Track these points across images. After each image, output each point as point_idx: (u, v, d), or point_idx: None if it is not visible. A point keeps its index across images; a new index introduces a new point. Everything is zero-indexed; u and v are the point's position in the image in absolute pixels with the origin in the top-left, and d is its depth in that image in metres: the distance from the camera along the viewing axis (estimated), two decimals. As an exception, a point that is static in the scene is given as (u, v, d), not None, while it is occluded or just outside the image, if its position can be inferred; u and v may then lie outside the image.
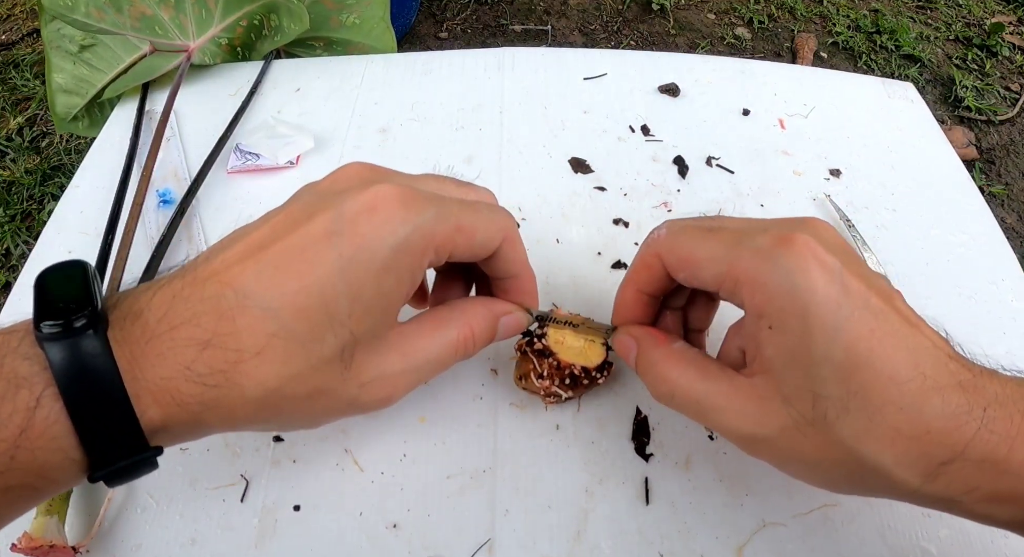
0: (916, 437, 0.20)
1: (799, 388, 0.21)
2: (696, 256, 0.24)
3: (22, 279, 0.38)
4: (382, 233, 0.21)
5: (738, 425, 0.23)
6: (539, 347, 0.29)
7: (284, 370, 0.20)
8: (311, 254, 0.20)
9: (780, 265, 0.21)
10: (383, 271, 0.21)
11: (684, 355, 0.26)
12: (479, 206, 0.25)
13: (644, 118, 0.48)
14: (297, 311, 0.20)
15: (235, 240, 0.21)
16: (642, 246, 0.27)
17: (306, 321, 0.20)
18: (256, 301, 0.19)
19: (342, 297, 0.20)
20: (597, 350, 0.30)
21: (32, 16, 1.58)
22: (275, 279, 0.20)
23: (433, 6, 1.67)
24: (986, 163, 1.38)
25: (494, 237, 0.25)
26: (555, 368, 0.29)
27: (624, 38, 1.62)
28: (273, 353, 0.20)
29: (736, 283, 0.23)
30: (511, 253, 0.26)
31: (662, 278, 0.26)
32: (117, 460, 0.19)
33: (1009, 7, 1.74)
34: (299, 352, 0.20)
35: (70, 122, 0.53)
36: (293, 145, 0.45)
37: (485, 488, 0.30)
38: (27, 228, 1.17)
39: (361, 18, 0.57)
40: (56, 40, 0.52)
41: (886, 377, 0.20)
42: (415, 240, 0.21)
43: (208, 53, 0.52)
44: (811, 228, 0.23)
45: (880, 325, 0.21)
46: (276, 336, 0.19)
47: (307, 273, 0.20)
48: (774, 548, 0.28)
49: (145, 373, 0.19)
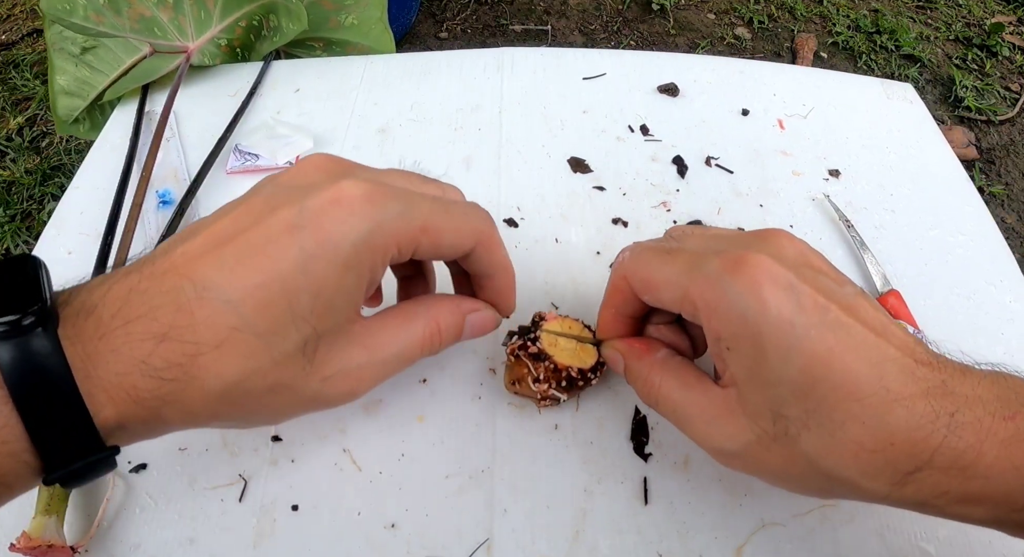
0: (879, 450, 0.20)
1: (759, 406, 0.22)
2: (655, 280, 0.25)
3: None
4: (345, 229, 0.20)
5: (708, 437, 0.24)
6: (533, 351, 0.29)
7: (245, 364, 0.19)
8: (273, 248, 0.20)
9: (731, 290, 0.21)
10: (345, 267, 0.21)
11: (667, 363, 0.26)
12: (452, 207, 0.24)
13: (643, 118, 0.48)
14: (259, 305, 0.19)
15: (194, 232, 0.21)
16: (612, 270, 0.28)
17: (268, 315, 0.19)
18: (216, 294, 0.19)
19: (304, 292, 0.20)
20: (590, 351, 0.30)
21: (32, 16, 1.58)
22: (236, 272, 0.19)
23: (433, 6, 1.67)
24: (986, 163, 1.38)
25: (464, 240, 0.24)
26: (551, 371, 0.29)
27: (624, 38, 1.62)
28: (233, 346, 0.19)
29: (693, 307, 0.23)
30: (486, 255, 0.26)
31: (634, 299, 0.27)
32: (72, 462, 0.19)
33: (1009, 7, 1.74)
34: (260, 346, 0.20)
35: (71, 125, 0.53)
36: (292, 146, 0.45)
37: (483, 488, 0.30)
38: (27, 228, 1.17)
39: (359, 19, 0.57)
40: (59, 42, 0.52)
41: (846, 392, 0.20)
42: (378, 236, 0.21)
43: (207, 54, 0.52)
44: (769, 245, 0.23)
45: (840, 339, 0.20)
46: (237, 329, 0.19)
47: (269, 267, 0.19)
48: (773, 548, 0.28)
49: (99, 370, 0.18)
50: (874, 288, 0.38)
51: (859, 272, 0.39)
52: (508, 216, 0.42)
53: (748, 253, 0.22)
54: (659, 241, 0.27)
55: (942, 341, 0.36)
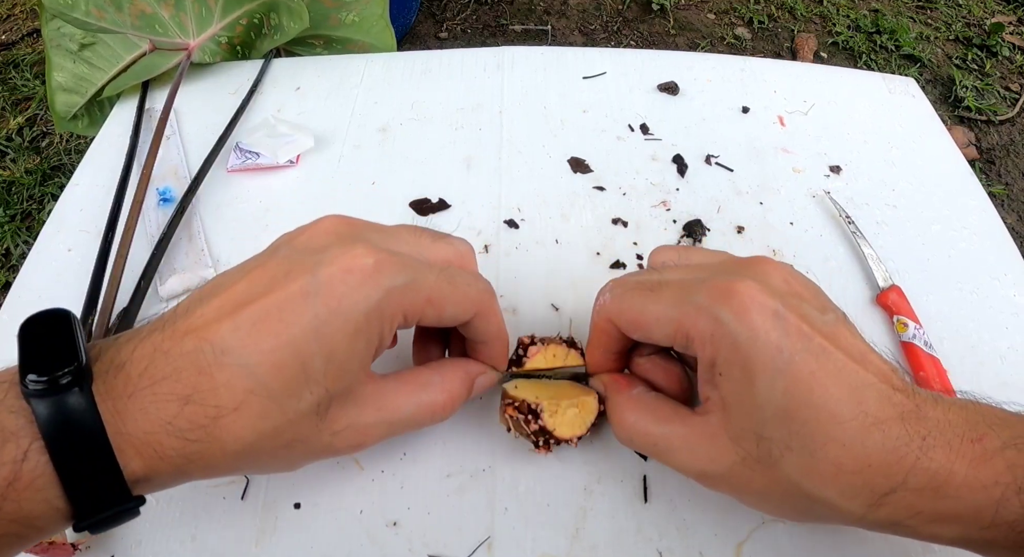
0: (858, 471, 0.21)
1: (744, 429, 0.23)
2: (645, 318, 0.25)
3: (22, 278, 0.38)
4: (356, 297, 0.21)
5: (691, 463, 0.25)
6: (536, 428, 0.28)
7: (261, 425, 0.21)
8: (288, 313, 0.21)
9: (722, 319, 0.22)
10: (356, 333, 0.22)
11: (640, 400, 0.27)
12: (457, 278, 0.25)
13: (643, 117, 0.48)
14: (273, 368, 0.20)
15: (213, 293, 0.22)
16: (593, 312, 0.28)
17: (282, 378, 0.21)
18: (234, 358, 0.20)
19: (317, 356, 0.21)
20: (590, 407, 0.29)
21: (32, 16, 1.58)
22: (252, 336, 0.20)
23: (433, 6, 1.67)
24: (986, 163, 1.38)
25: (465, 312, 0.26)
26: (554, 443, 0.29)
27: (624, 38, 1.62)
28: (250, 409, 0.20)
29: (686, 338, 0.24)
30: (483, 325, 0.27)
31: (620, 337, 0.27)
32: (101, 511, 0.20)
33: (1009, 7, 1.74)
34: (275, 408, 0.21)
35: (70, 121, 0.53)
36: (293, 144, 0.45)
37: (484, 486, 0.30)
38: (27, 228, 1.17)
39: (360, 16, 0.57)
40: (57, 39, 0.52)
41: (827, 415, 0.21)
42: (387, 305, 0.22)
43: (208, 51, 0.52)
44: (756, 272, 0.24)
45: (822, 365, 0.21)
46: (253, 393, 0.20)
47: (283, 332, 0.21)
48: (773, 546, 0.28)
49: (128, 427, 0.19)
50: (876, 284, 0.38)
51: (860, 268, 0.39)
52: (508, 216, 0.41)
53: (736, 281, 0.23)
54: (638, 275, 0.28)
55: (946, 337, 0.36)
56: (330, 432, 0.23)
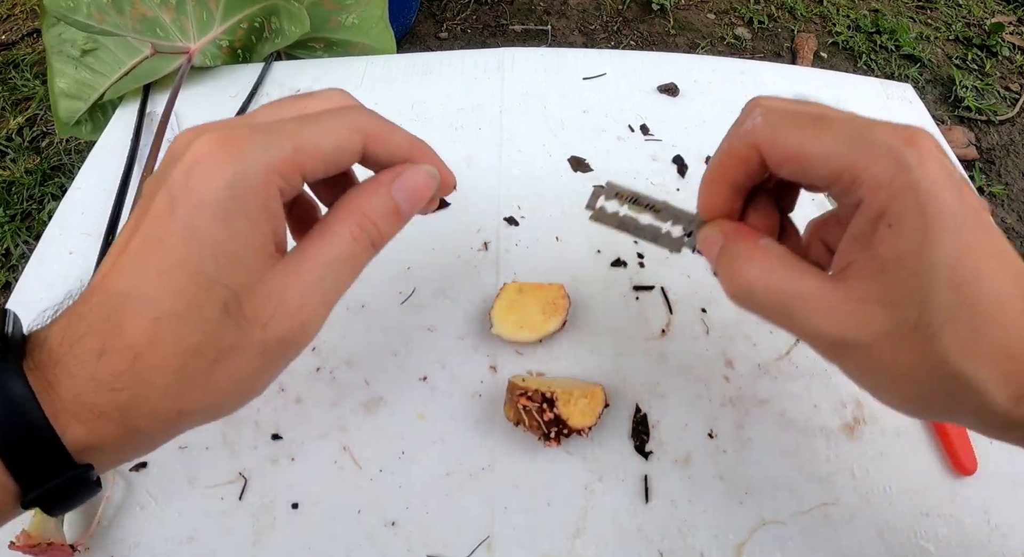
0: (1016, 357, 0.19)
1: (908, 291, 0.20)
2: (808, 152, 0.22)
3: (23, 281, 0.38)
4: (210, 183, 0.20)
5: (829, 328, 0.21)
6: (550, 417, 0.29)
7: (178, 348, 0.20)
8: (162, 232, 0.20)
9: (908, 162, 0.20)
10: (228, 217, 0.20)
11: (770, 250, 0.23)
12: (319, 117, 0.23)
13: (643, 118, 0.49)
14: (168, 288, 0.20)
15: (111, 249, 0.22)
16: (732, 135, 0.24)
17: (179, 294, 0.20)
18: (133, 296, 0.20)
19: (204, 258, 0.20)
20: (599, 398, 0.30)
21: (32, 16, 1.58)
22: (140, 268, 0.20)
23: (433, 6, 1.67)
24: (986, 163, 1.38)
25: (346, 143, 0.23)
26: (564, 435, 0.29)
27: (624, 38, 1.62)
28: (162, 338, 0.20)
29: (855, 181, 0.21)
30: (381, 146, 0.24)
31: (756, 172, 0.24)
32: (46, 481, 0.19)
33: (1009, 7, 1.74)
34: (184, 326, 0.20)
35: (73, 126, 0.53)
36: (293, 145, 0.45)
37: (484, 485, 0.30)
38: (27, 228, 1.17)
39: (360, 18, 0.57)
40: (58, 45, 0.52)
41: (992, 293, 0.19)
42: (250, 176, 0.21)
43: (209, 55, 0.52)
44: (926, 132, 0.21)
45: (988, 240, 0.20)
46: (158, 320, 0.20)
47: (164, 251, 0.20)
48: (774, 546, 0.29)
49: (59, 393, 0.19)
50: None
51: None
52: (509, 214, 0.42)
53: (914, 129, 0.20)
54: (792, 103, 0.24)
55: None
56: (259, 327, 0.21)
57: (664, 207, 0.26)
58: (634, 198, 0.26)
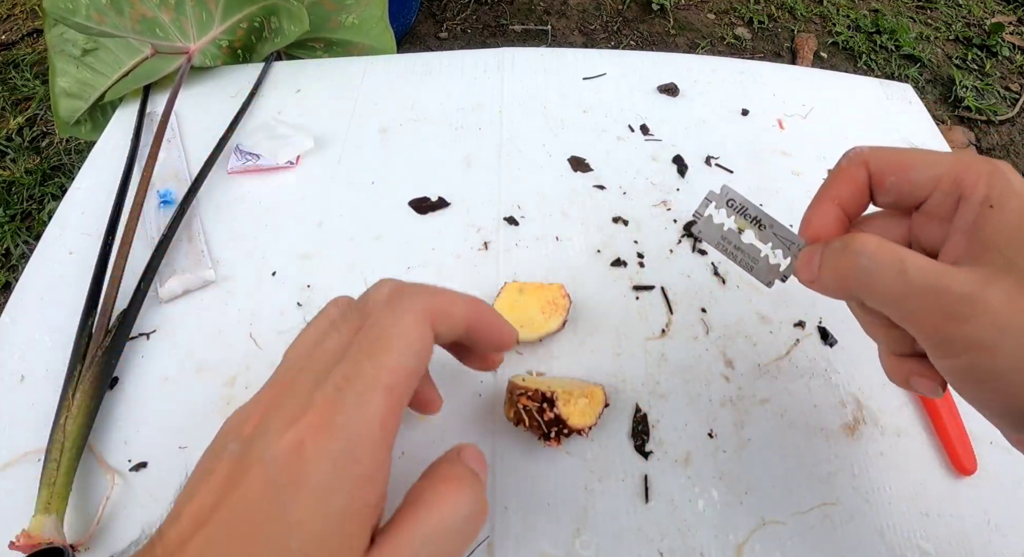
0: None
1: (1020, 252, 0.21)
2: (912, 160, 0.24)
3: (24, 282, 0.38)
4: (318, 466, 0.19)
5: (953, 282, 0.21)
6: (550, 417, 0.29)
7: None
8: (257, 515, 0.19)
9: (997, 165, 0.23)
10: (327, 496, 0.19)
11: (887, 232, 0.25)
12: (390, 341, 0.21)
13: (643, 118, 0.49)
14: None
15: (183, 505, 0.20)
16: (841, 163, 0.26)
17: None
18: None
19: (294, 543, 0.19)
20: (598, 398, 0.31)
21: (32, 16, 1.58)
22: (228, 548, 0.18)
23: (433, 6, 1.67)
24: (986, 163, 1.38)
25: (426, 351, 0.22)
26: (564, 435, 0.29)
27: (624, 38, 1.62)
28: None
29: (956, 180, 0.23)
30: (444, 326, 0.23)
31: (862, 192, 0.25)
32: None
33: (1009, 7, 1.74)
34: None
35: (73, 126, 0.53)
36: (293, 145, 0.45)
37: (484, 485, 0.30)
38: (27, 228, 1.17)
39: (360, 18, 0.57)
40: (59, 44, 0.52)
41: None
42: (355, 446, 0.20)
43: (208, 55, 0.53)
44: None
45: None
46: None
47: (256, 537, 0.18)
48: (774, 546, 0.29)
49: None
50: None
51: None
52: (509, 214, 0.42)
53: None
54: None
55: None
56: None
57: (771, 223, 0.27)
58: (743, 209, 0.27)
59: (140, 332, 0.36)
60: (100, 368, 0.33)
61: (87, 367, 0.32)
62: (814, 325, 0.37)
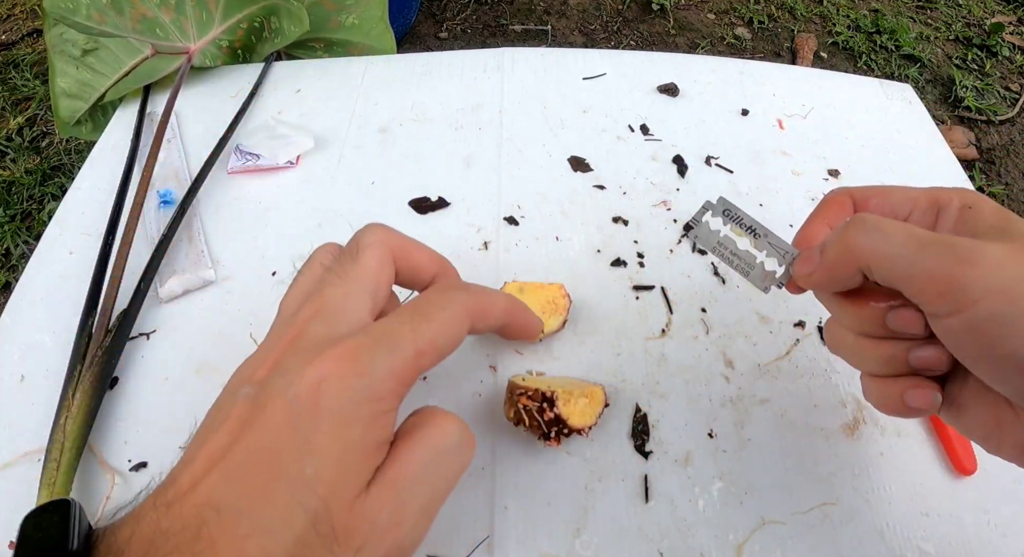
0: None
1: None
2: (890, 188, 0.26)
3: (24, 282, 0.38)
4: (338, 400, 0.20)
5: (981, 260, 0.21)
6: (550, 417, 0.29)
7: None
8: (279, 444, 0.19)
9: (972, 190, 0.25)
10: (344, 426, 0.20)
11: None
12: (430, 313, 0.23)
13: (643, 118, 0.49)
14: (268, 504, 0.19)
15: (196, 450, 0.20)
16: (827, 195, 0.27)
17: (274, 507, 0.19)
18: (230, 510, 0.18)
19: (310, 468, 0.19)
20: (599, 398, 0.31)
21: (32, 16, 1.58)
22: (244, 481, 0.19)
23: (433, 6, 1.67)
24: (986, 163, 1.38)
25: (459, 333, 0.23)
26: (565, 435, 0.29)
27: (624, 38, 1.62)
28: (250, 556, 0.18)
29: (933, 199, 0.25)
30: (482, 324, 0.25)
31: (849, 214, 0.26)
32: None
33: (1009, 7, 1.74)
34: (272, 542, 0.18)
35: (74, 126, 0.53)
36: (293, 145, 0.45)
37: (484, 485, 0.30)
38: (27, 228, 1.17)
39: (360, 18, 0.57)
40: (59, 45, 0.52)
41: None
42: (375, 388, 0.21)
43: (209, 55, 0.53)
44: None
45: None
46: (249, 536, 0.18)
47: (277, 465, 0.19)
48: (774, 546, 0.29)
49: None
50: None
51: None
52: (509, 214, 0.42)
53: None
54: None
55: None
56: (351, 552, 0.19)
57: (765, 232, 0.28)
58: (739, 219, 0.28)
59: (140, 332, 0.36)
60: (100, 368, 0.33)
61: (87, 367, 0.32)
62: (814, 325, 0.37)
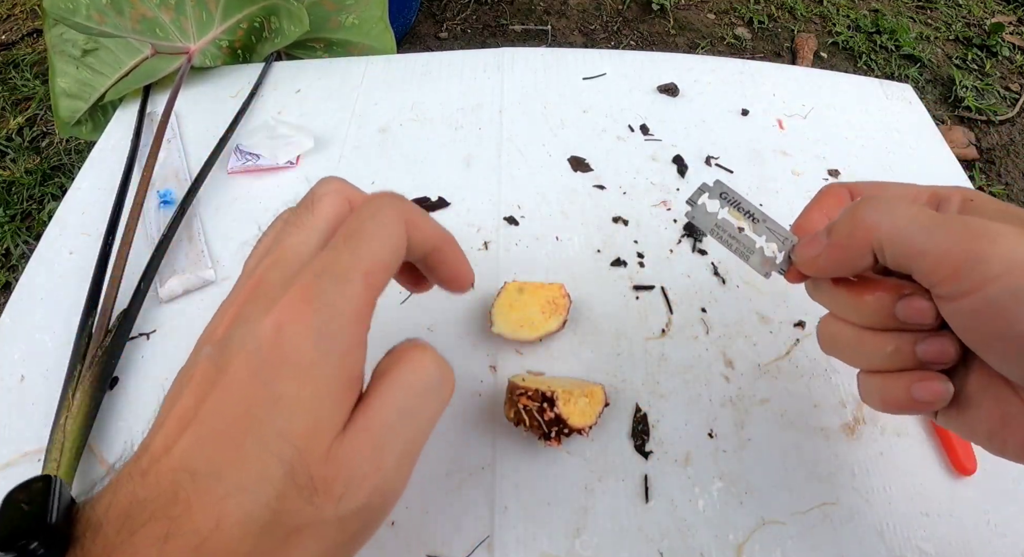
0: None
1: None
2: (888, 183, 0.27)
3: (24, 282, 0.38)
4: (300, 344, 0.19)
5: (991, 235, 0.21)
6: (550, 417, 0.29)
7: (245, 528, 0.18)
8: (248, 400, 0.19)
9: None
10: (312, 369, 0.19)
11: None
12: (362, 231, 0.22)
13: (643, 118, 0.49)
14: (240, 460, 0.18)
15: (165, 415, 0.20)
16: (823, 188, 0.27)
17: (249, 465, 0.18)
18: (205, 473, 0.18)
19: (282, 418, 0.19)
20: (598, 398, 0.31)
21: (32, 16, 1.58)
22: (216, 441, 0.18)
23: (433, 6, 1.67)
24: (986, 163, 1.38)
25: (400, 241, 0.22)
26: (565, 434, 0.29)
27: (624, 38, 1.62)
28: (228, 517, 0.18)
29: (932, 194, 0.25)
30: (417, 235, 0.23)
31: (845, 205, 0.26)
32: None
33: (1009, 7, 1.74)
34: (250, 500, 0.18)
35: (74, 126, 0.53)
36: (293, 145, 0.45)
37: (484, 485, 0.30)
38: (27, 228, 1.17)
39: (360, 18, 0.57)
40: (60, 45, 0.52)
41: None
42: (335, 323, 0.20)
43: (209, 55, 0.53)
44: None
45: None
46: (227, 497, 0.18)
47: (248, 421, 0.18)
48: (773, 546, 0.29)
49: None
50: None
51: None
52: (509, 214, 0.42)
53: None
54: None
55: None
56: (332, 501, 0.19)
57: (763, 217, 0.27)
58: (736, 202, 0.27)
59: (140, 332, 0.36)
60: (100, 368, 0.33)
61: (87, 367, 0.32)
62: (814, 325, 0.37)
